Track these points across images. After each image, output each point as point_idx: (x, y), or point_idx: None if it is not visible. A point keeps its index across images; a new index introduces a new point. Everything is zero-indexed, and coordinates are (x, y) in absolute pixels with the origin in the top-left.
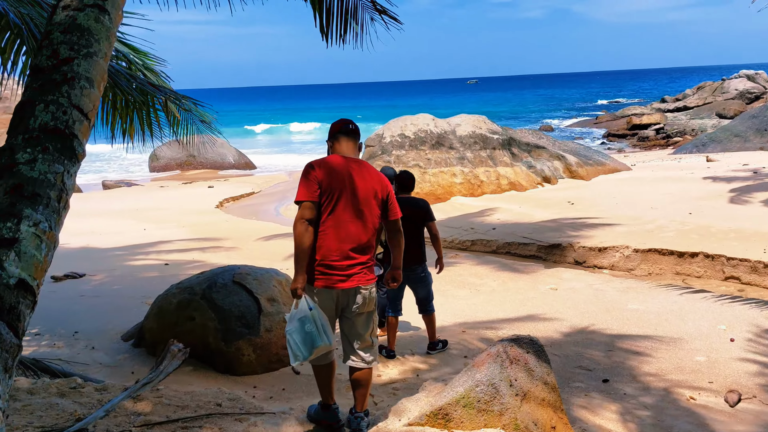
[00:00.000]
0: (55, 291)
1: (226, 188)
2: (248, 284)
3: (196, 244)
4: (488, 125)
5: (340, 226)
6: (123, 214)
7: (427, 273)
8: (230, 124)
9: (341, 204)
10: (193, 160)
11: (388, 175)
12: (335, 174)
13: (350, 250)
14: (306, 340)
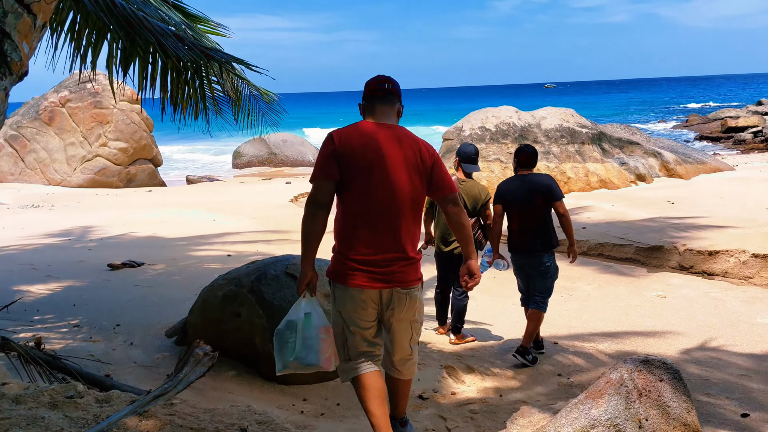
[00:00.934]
0: (109, 280)
1: (303, 184)
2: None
3: (263, 236)
4: (576, 118)
5: (370, 210)
6: (196, 206)
7: (554, 264)
8: (312, 124)
9: (370, 182)
10: (274, 158)
11: (468, 152)
12: (361, 145)
13: (385, 241)
14: (283, 349)
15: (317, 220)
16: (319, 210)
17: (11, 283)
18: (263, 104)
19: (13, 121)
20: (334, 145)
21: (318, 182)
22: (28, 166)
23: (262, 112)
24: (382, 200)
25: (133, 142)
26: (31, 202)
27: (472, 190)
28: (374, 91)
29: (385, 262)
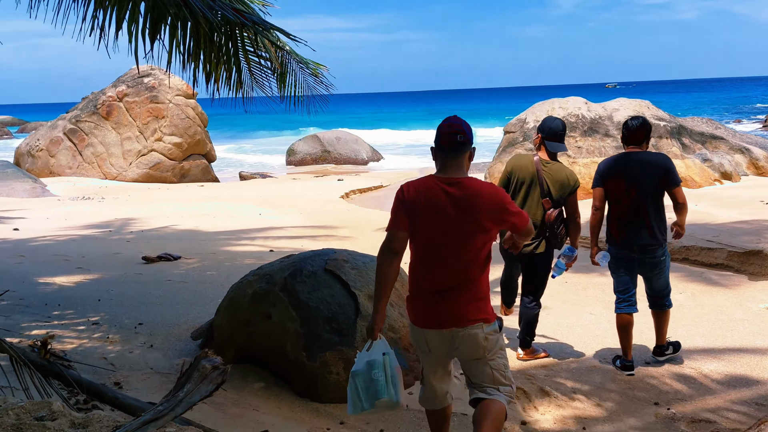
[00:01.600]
0: (141, 273)
1: (355, 181)
2: (344, 274)
3: (308, 232)
4: (653, 110)
5: (429, 262)
6: (245, 200)
7: (668, 255)
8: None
9: (430, 238)
10: (327, 155)
11: (554, 128)
12: (425, 201)
13: (441, 289)
14: (370, 388)
15: (390, 268)
16: (393, 257)
17: (38, 274)
18: (310, 79)
19: (72, 115)
20: (404, 197)
21: (390, 231)
22: (86, 160)
23: (310, 87)
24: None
25: (187, 137)
26: (82, 194)
27: (559, 174)
28: (444, 145)
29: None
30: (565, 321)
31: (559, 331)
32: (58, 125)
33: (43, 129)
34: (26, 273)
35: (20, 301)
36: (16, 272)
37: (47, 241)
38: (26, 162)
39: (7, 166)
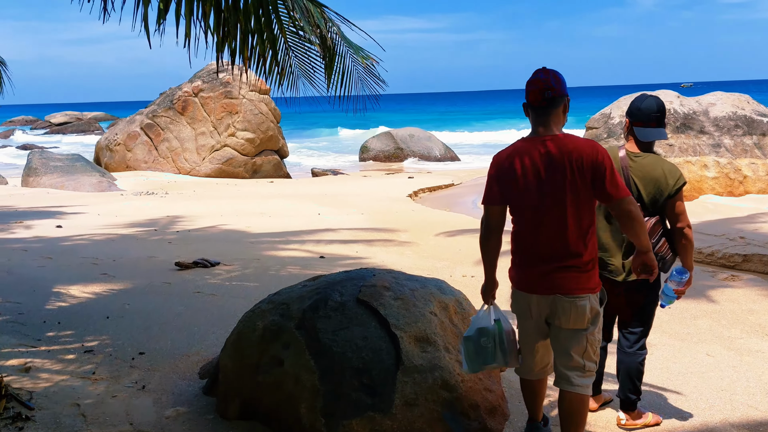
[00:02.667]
0: (169, 283)
1: (425, 179)
2: (384, 307)
3: (366, 235)
4: (754, 105)
5: (530, 227)
6: (307, 198)
7: None
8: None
9: (527, 202)
10: (400, 152)
11: (646, 109)
12: (515, 166)
13: (545, 253)
14: (479, 353)
15: (489, 243)
16: (490, 233)
17: (54, 281)
18: (361, 68)
19: (149, 110)
20: (495, 169)
21: (486, 206)
22: (161, 155)
23: (361, 78)
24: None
25: (260, 133)
26: (147, 189)
27: (653, 170)
28: (533, 103)
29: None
30: (675, 366)
31: (669, 381)
32: (135, 120)
33: (122, 124)
34: (43, 280)
35: (18, 316)
36: (32, 279)
37: (84, 240)
38: (105, 156)
39: (77, 160)
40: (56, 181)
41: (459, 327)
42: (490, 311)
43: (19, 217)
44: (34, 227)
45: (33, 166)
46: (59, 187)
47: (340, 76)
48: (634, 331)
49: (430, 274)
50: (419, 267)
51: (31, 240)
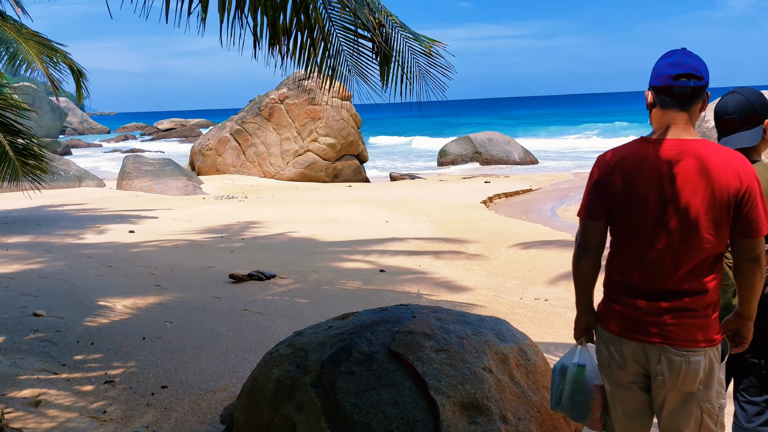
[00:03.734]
0: (219, 298)
1: (502, 184)
2: (421, 363)
3: (433, 246)
4: None
5: (637, 255)
6: (378, 204)
7: None
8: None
9: (637, 224)
10: (478, 156)
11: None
12: (634, 175)
13: (653, 288)
14: (553, 392)
15: (584, 265)
16: (586, 253)
17: (104, 293)
18: (422, 60)
19: (239, 117)
20: (597, 175)
21: (582, 221)
22: (248, 159)
23: (421, 72)
24: (659, 245)
25: (341, 138)
26: (228, 193)
27: None
28: (668, 89)
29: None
30: None
31: None
32: (226, 126)
33: (214, 130)
34: (94, 291)
35: (55, 334)
36: (84, 289)
37: (150, 247)
38: (198, 160)
39: (167, 164)
40: (146, 184)
41: (522, 385)
42: (577, 351)
43: (100, 220)
44: (108, 232)
45: (126, 170)
46: (148, 190)
47: (399, 70)
48: (754, 401)
49: (498, 295)
50: (486, 286)
51: (101, 245)
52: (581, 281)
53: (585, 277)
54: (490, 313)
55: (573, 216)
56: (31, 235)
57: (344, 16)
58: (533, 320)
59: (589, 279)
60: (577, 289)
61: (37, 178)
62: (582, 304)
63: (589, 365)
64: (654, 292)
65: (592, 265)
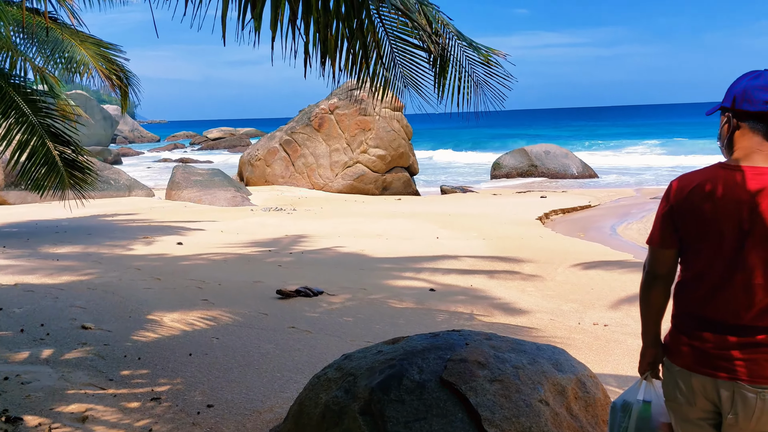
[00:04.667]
0: (266, 314)
1: (559, 199)
2: (475, 393)
3: (486, 265)
4: None
5: (710, 286)
6: (431, 219)
7: None
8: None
9: (712, 255)
10: (534, 170)
11: None
12: (712, 204)
13: (727, 320)
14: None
15: (652, 294)
16: (656, 282)
17: (152, 307)
18: (480, 70)
19: (288, 127)
20: (670, 201)
21: (652, 248)
22: (297, 170)
23: (479, 82)
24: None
25: (391, 150)
26: (277, 204)
27: None
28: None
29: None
30: None
31: None
32: (275, 136)
33: (263, 140)
34: (142, 304)
35: (103, 347)
36: (133, 302)
37: (199, 260)
38: (246, 170)
39: (216, 174)
40: (195, 194)
41: (580, 419)
42: (642, 386)
43: (149, 231)
44: (157, 243)
45: (176, 180)
46: (197, 201)
47: (455, 81)
48: None
49: (555, 319)
50: (542, 308)
51: (149, 257)
52: (649, 312)
53: (653, 308)
54: (546, 338)
55: (634, 235)
56: (82, 245)
57: (400, 26)
58: (591, 347)
59: (658, 310)
60: (643, 320)
61: (83, 190)
62: (648, 336)
63: (655, 402)
64: (726, 327)
65: (661, 295)
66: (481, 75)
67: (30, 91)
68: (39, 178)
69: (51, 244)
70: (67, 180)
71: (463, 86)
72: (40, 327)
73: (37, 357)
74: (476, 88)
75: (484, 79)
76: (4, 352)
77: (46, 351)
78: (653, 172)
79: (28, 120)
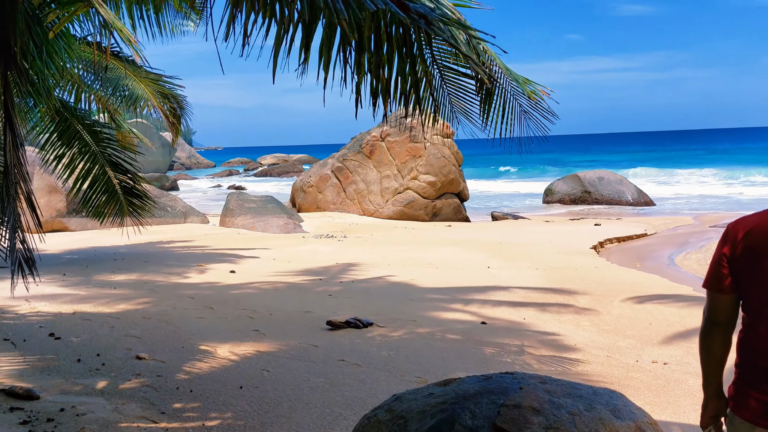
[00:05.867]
0: (316, 346)
1: (614, 227)
2: None
3: (539, 297)
4: None
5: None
6: (481, 247)
7: None
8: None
9: None
10: (587, 196)
11: None
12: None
13: None
14: None
15: (712, 341)
16: (715, 329)
17: (205, 338)
18: (524, 102)
19: (340, 154)
20: (728, 244)
21: (710, 293)
22: (348, 197)
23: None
24: None
25: (441, 176)
26: (328, 231)
27: None
28: None
29: None
30: None
31: None
32: (327, 163)
33: (315, 167)
34: (195, 334)
35: (156, 379)
36: (186, 332)
37: (250, 289)
38: (299, 197)
39: (269, 201)
40: (248, 221)
41: None
42: None
43: (203, 259)
44: (210, 271)
45: (230, 207)
46: (250, 228)
47: (500, 111)
48: None
49: (611, 356)
50: (597, 344)
51: (202, 286)
52: (709, 360)
53: (713, 357)
54: (602, 376)
55: (693, 265)
56: (138, 273)
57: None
58: (651, 387)
59: (719, 359)
60: (704, 370)
61: (141, 217)
62: (710, 387)
63: None
64: None
65: (721, 343)
66: (525, 106)
67: (92, 122)
68: (100, 206)
69: (109, 272)
70: (125, 207)
71: (508, 114)
72: (96, 357)
73: (93, 388)
74: (519, 118)
75: (527, 110)
76: (61, 383)
77: (101, 382)
78: (712, 200)
79: (90, 150)
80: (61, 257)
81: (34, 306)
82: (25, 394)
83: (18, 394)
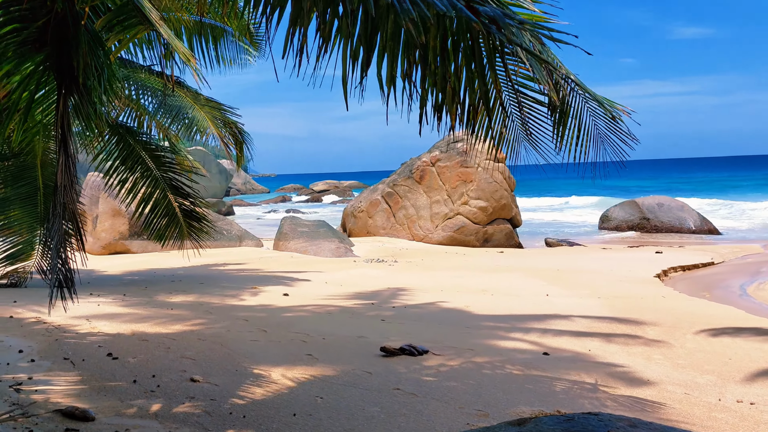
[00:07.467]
0: (370, 373)
1: (677, 255)
2: None
3: (603, 327)
4: None
5: None
6: (538, 274)
7: None
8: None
9: None
10: (646, 223)
11: None
12: None
13: None
14: None
15: None
16: None
17: (258, 361)
18: (602, 124)
19: (390, 179)
20: None
21: None
22: (398, 222)
23: (600, 137)
24: None
25: (493, 201)
26: (379, 256)
27: None
28: None
29: None
30: None
31: None
32: (378, 189)
33: (366, 192)
34: (249, 357)
35: (209, 403)
36: (240, 355)
37: (303, 312)
38: (350, 222)
39: (321, 226)
40: (301, 245)
41: None
42: None
43: (257, 281)
44: (264, 294)
45: (283, 231)
46: (303, 251)
47: (575, 134)
48: None
49: (690, 393)
50: (673, 380)
51: (256, 308)
52: None
53: None
54: (681, 415)
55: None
56: (195, 294)
57: (520, 79)
58: (737, 429)
59: None
60: None
61: (199, 239)
62: None
63: None
64: None
65: None
66: (603, 129)
67: (154, 147)
68: (161, 229)
69: (166, 293)
70: (185, 230)
71: (582, 138)
72: (151, 378)
73: (147, 410)
74: (595, 142)
75: (605, 134)
76: (116, 404)
77: (155, 404)
78: None
79: (152, 174)
80: (122, 278)
81: (95, 325)
82: (81, 415)
83: (75, 415)
